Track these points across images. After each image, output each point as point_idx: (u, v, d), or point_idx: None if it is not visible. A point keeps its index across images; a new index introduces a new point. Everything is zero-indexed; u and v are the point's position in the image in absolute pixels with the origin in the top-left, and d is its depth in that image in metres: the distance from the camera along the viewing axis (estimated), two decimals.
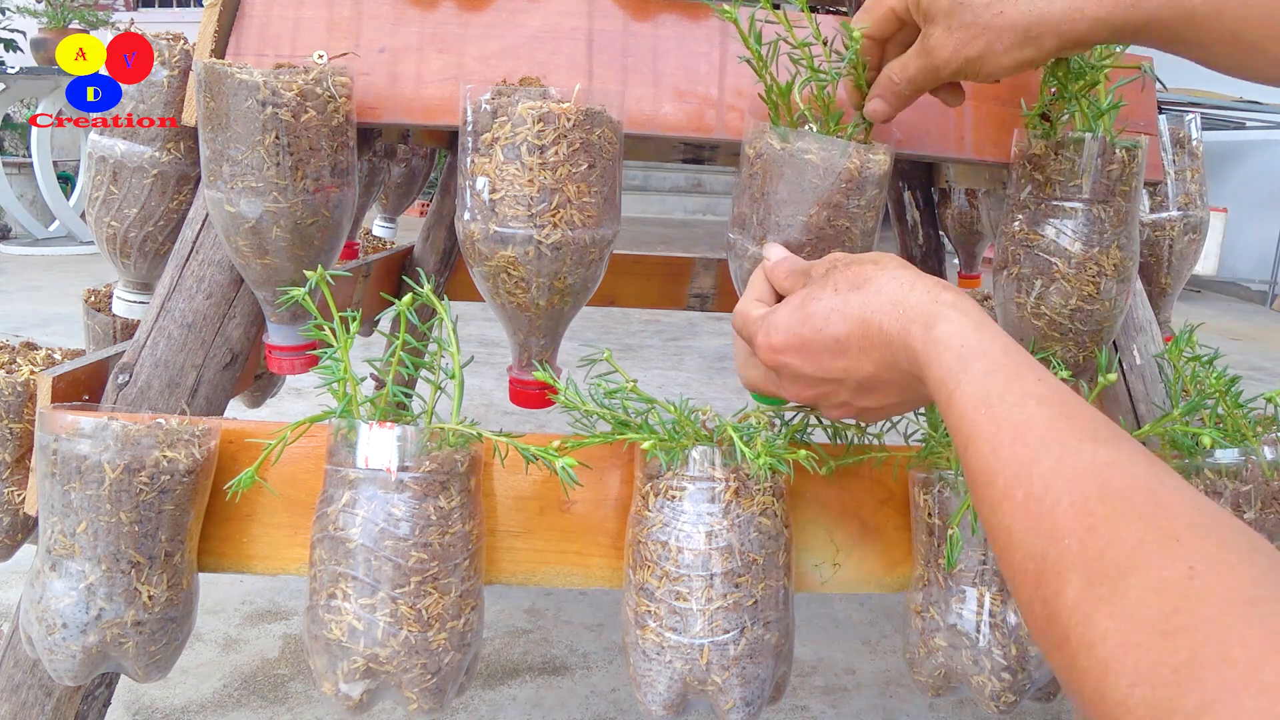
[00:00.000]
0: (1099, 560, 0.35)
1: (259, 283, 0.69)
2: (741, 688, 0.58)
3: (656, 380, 2.86)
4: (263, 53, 0.70)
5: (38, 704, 0.69)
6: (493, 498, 0.65)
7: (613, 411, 0.61)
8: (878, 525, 0.68)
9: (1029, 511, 0.39)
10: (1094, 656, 0.33)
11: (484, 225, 0.62)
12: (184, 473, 0.59)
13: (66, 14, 4.44)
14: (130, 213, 0.79)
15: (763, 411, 0.65)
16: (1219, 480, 0.63)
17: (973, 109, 0.74)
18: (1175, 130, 0.94)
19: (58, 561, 0.58)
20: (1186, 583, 0.32)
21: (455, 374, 0.57)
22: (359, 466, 0.56)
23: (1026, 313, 0.68)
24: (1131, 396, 0.77)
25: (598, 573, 0.66)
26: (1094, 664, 0.33)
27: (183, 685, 1.24)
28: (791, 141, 0.60)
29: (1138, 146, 0.65)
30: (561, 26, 0.72)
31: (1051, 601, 0.36)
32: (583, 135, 0.61)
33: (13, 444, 0.68)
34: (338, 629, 0.56)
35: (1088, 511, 0.36)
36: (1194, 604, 0.31)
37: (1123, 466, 0.38)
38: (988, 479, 0.41)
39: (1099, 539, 0.35)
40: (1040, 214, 0.66)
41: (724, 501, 0.58)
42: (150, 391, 0.69)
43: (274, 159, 0.62)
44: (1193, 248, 0.96)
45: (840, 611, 1.54)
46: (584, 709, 1.23)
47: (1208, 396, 0.65)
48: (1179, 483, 0.37)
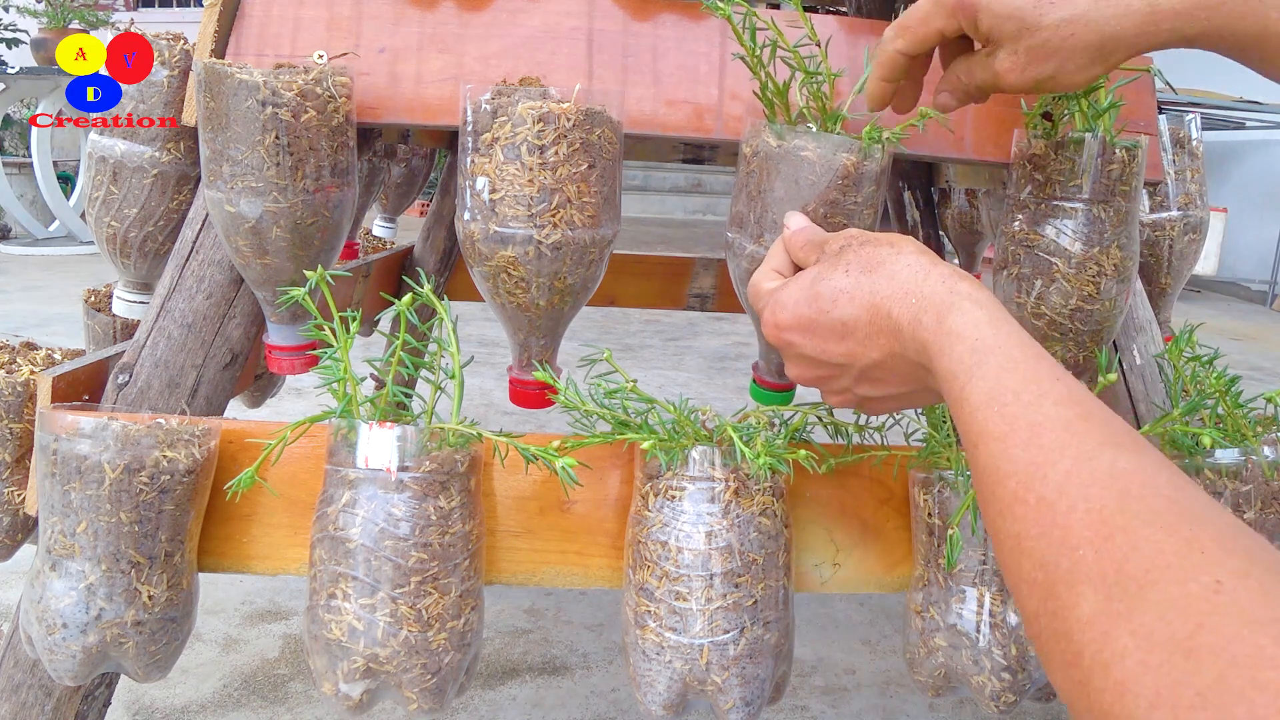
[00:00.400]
0: (1117, 572, 0.32)
1: (259, 283, 0.69)
2: (741, 688, 0.58)
3: (656, 380, 2.86)
4: (263, 53, 0.70)
5: (38, 704, 0.69)
6: (493, 498, 0.65)
7: (613, 411, 0.61)
8: (878, 525, 0.68)
9: (1041, 517, 0.36)
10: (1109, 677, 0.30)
11: (484, 225, 0.62)
12: (184, 473, 0.59)
13: (66, 14, 4.44)
14: (130, 213, 0.79)
15: (763, 411, 0.65)
16: (1219, 480, 0.63)
17: (973, 109, 0.74)
18: (1175, 130, 0.94)
19: (58, 561, 0.58)
20: (1213, 597, 0.29)
21: (455, 374, 0.57)
22: (359, 466, 0.56)
23: (1026, 313, 0.68)
24: (1131, 396, 0.77)
25: (598, 573, 0.66)
26: (1109, 685, 0.30)
27: (183, 685, 1.24)
28: (788, 139, 0.60)
29: (1138, 146, 0.65)
30: (561, 26, 0.72)
31: (1062, 615, 0.33)
32: (583, 135, 0.61)
33: (13, 444, 0.68)
34: (338, 629, 0.56)
35: (1105, 520, 0.34)
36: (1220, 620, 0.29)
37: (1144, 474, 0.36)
38: (997, 480, 0.39)
39: (1117, 549, 0.33)
40: (1040, 214, 0.66)
41: (724, 501, 0.58)
42: (150, 391, 0.69)
43: (274, 159, 0.62)
44: (1193, 248, 0.96)
45: (840, 611, 1.54)
46: (584, 709, 1.23)
47: (1208, 396, 0.65)
48: (1202, 494, 0.35)
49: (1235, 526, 0.33)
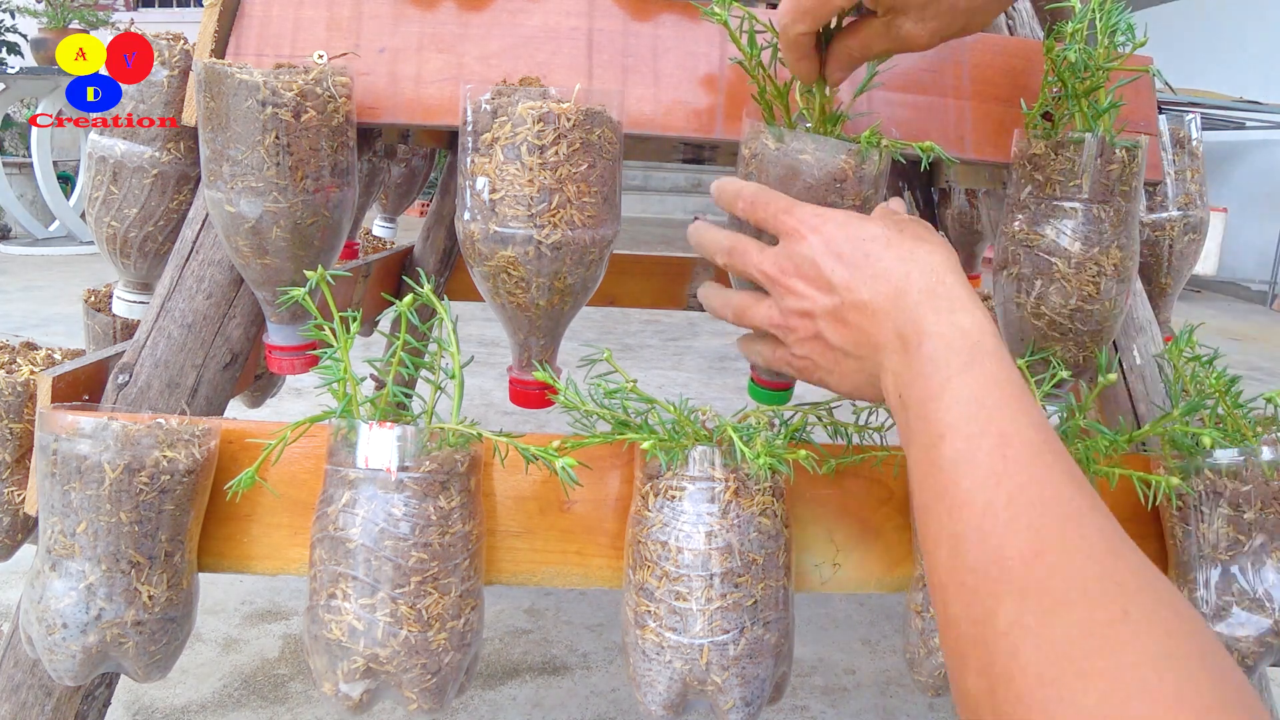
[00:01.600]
0: (1038, 589, 0.34)
1: (259, 283, 0.69)
2: (741, 688, 0.58)
3: (656, 380, 2.86)
4: (263, 53, 0.70)
5: (38, 704, 0.69)
6: (493, 498, 0.65)
7: (613, 411, 0.61)
8: (878, 525, 0.68)
9: (984, 523, 0.37)
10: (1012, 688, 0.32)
11: (484, 225, 0.62)
12: (184, 473, 0.59)
13: (66, 14, 4.44)
14: (130, 213, 0.79)
15: (763, 411, 0.65)
16: (1219, 480, 0.63)
17: (973, 109, 0.74)
18: (1175, 130, 0.94)
19: (58, 561, 0.58)
20: (1118, 625, 0.31)
21: (455, 374, 0.57)
22: (359, 466, 0.56)
23: (1026, 313, 0.68)
24: (1131, 396, 0.77)
25: (598, 573, 0.66)
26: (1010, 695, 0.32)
27: (183, 685, 1.24)
28: (786, 141, 0.60)
29: (1138, 146, 0.65)
30: (561, 26, 0.72)
31: (983, 623, 0.35)
32: (583, 135, 0.61)
33: (13, 444, 0.68)
34: (338, 629, 0.56)
35: (1041, 539, 0.35)
36: (1116, 649, 0.31)
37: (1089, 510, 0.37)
38: (954, 478, 0.40)
39: (1044, 566, 0.34)
40: (1040, 214, 0.66)
41: (724, 501, 0.58)
42: (150, 391, 0.69)
43: (274, 159, 0.62)
44: (1193, 248, 0.96)
45: (840, 611, 1.54)
46: (584, 709, 1.23)
47: (1208, 396, 0.65)
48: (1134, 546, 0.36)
49: (1153, 570, 0.35)
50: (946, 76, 0.74)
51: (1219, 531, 0.63)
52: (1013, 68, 0.75)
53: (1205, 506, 0.63)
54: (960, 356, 0.44)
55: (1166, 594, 0.33)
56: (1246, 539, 0.63)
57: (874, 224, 0.52)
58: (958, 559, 0.38)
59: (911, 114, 0.67)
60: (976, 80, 0.75)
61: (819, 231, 0.52)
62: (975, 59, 0.75)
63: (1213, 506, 0.63)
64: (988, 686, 0.33)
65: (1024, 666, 0.32)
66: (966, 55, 0.75)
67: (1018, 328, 0.69)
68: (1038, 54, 0.73)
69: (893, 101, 0.72)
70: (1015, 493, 0.38)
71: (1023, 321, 0.68)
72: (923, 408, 0.44)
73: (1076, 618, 0.32)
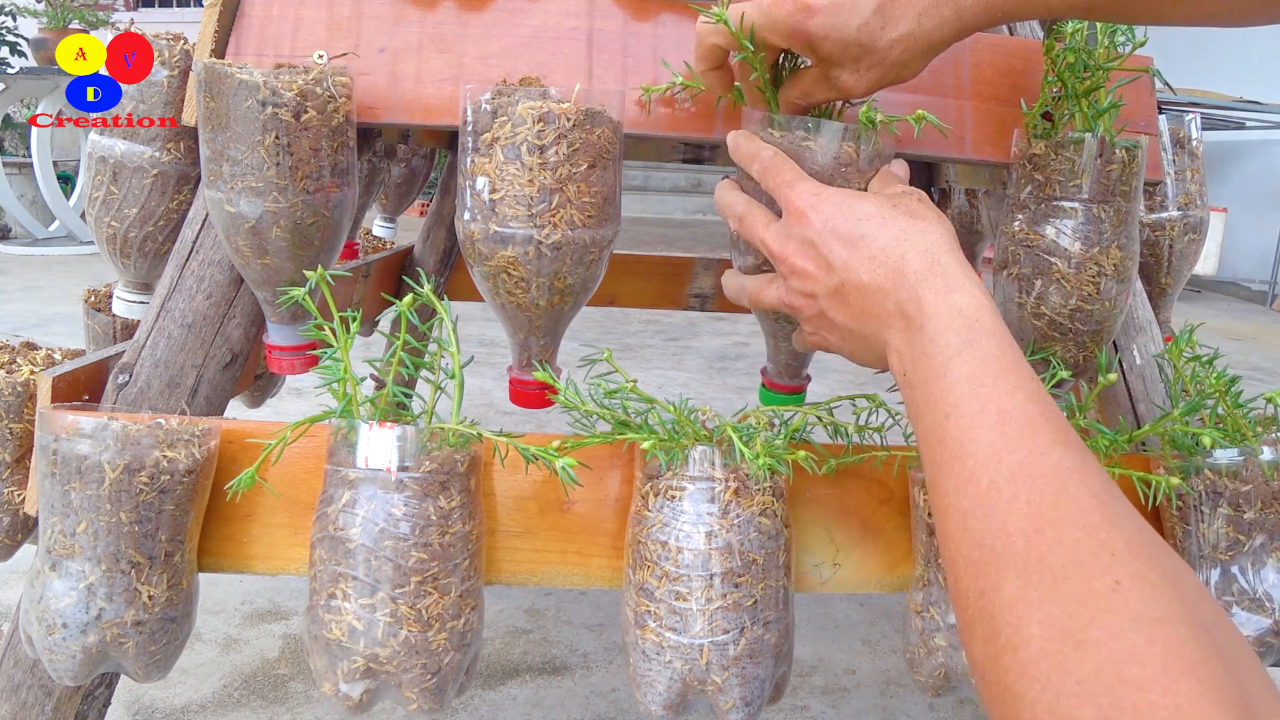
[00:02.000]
0: (1038, 563, 0.36)
1: (259, 283, 0.69)
2: (741, 688, 0.58)
3: (656, 380, 2.86)
4: (263, 53, 0.70)
5: (38, 704, 0.69)
6: (493, 498, 0.65)
7: (613, 411, 0.61)
8: (878, 525, 0.68)
9: (988, 500, 0.39)
10: (1016, 658, 0.34)
11: (484, 225, 0.62)
12: (184, 473, 0.59)
13: (66, 14, 4.44)
14: (130, 213, 0.79)
15: (762, 411, 0.65)
16: (1219, 480, 0.63)
17: (973, 109, 0.74)
18: (1175, 130, 0.94)
19: (58, 561, 0.58)
20: (1110, 595, 0.33)
21: (455, 374, 0.57)
22: (359, 466, 0.56)
23: (1026, 313, 0.68)
24: (1131, 396, 0.77)
25: (598, 573, 0.66)
26: (1014, 665, 0.34)
27: (183, 685, 1.24)
28: (792, 130, 0.60)
29: (1138, 146, 0.65)
30: (561, 26, 0.72)
31: (988, 596, 0.37)
32: (583, 135, 0.61)
33: (13, 444, 0.68)
34: (338, 629, 0.56)
35: (1040, 513, 0.37)
36: (1109, 617, 0.32)
37: (1082, 473, 0.39)
38: (959, 456, 0.42)
39: (1044, 541, 0.36)
40: (1040, 214, 0.66)
41: (723, 501, 0.58)
42: (150, 391, 0.69)
43: (274, 159, 0.62)
44: (1193, 248, 0.96)
45: (840, 611, 1.54)
46: (584, 709, 1.23)
47: (1208, 396, 0.65)
48: (1128, 505, 0.38)
49: (1150, 537, 0.36)
50: (946, 76, 0.74)
51: (1219, 531, 0.63)
52: (1013, 68, 0.75)
53: (1205, 506, 0.63)
54: (959, 335, 0.46)
55: (1158, 555, 0.35)
56: (1246, 539, 0.63)
57: (869, 202, 0.53)
58: (966, 532, 0.40)
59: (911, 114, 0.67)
60: (976, 80, 0.75)
61: (818, 210, 0.54)
62: (975, 59, 0.75)
63: (1213, 506, 0.63)
64: (993, 654, 0.35)
65: (1028, 639, 0.34)
66: (966, 55, 0.75)
67: (1018, 328, 0.69)
68: (1038, 54, 0.72)
69: (893, 101, 0.72)
70: (1015, 470, 0.39)
71: (1023, 321, 0.68)
72: (927, 386, 0.46)
73: (1073, 590, 0.34)
